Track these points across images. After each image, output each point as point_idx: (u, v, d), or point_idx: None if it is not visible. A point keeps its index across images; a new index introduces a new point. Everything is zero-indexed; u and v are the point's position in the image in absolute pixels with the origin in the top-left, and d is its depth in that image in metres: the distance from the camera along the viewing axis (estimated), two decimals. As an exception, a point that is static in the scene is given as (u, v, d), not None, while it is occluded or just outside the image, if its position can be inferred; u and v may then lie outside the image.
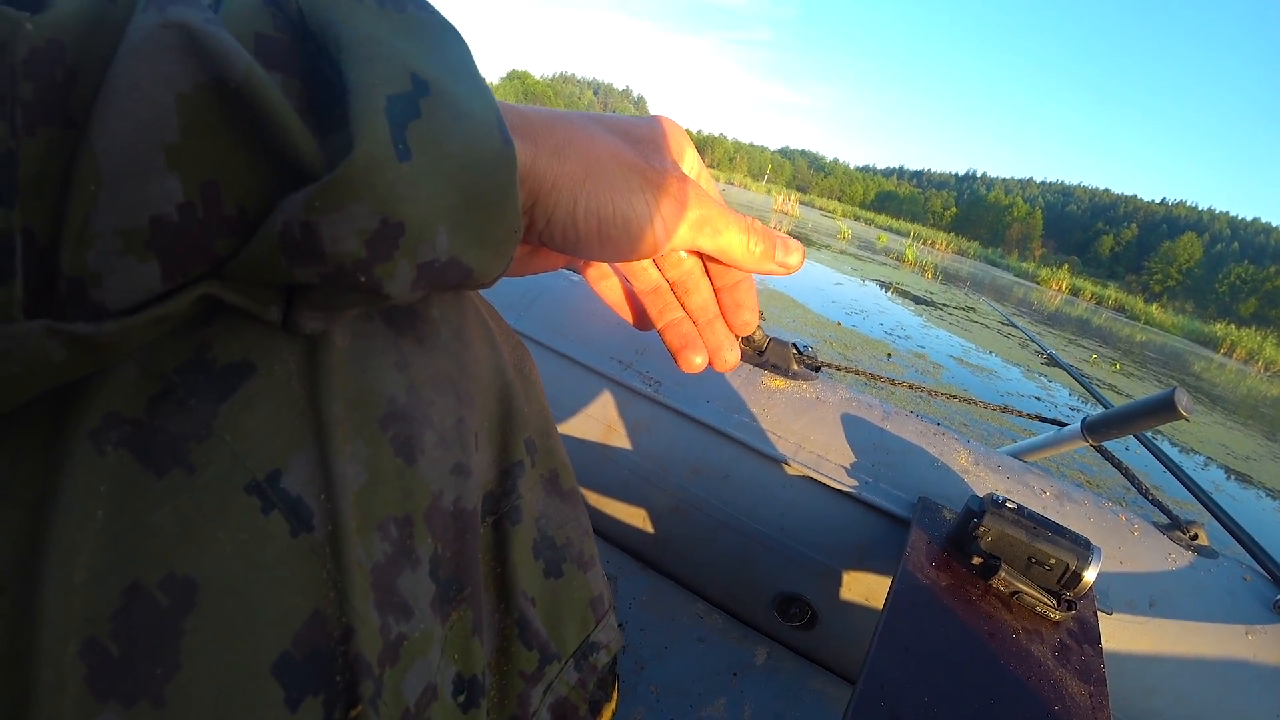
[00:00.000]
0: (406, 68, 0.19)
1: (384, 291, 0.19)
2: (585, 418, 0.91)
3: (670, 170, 0.28)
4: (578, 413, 0.92)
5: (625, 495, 0.91)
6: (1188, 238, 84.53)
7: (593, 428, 0.91)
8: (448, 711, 0.24)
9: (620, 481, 0.90)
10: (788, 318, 5.70)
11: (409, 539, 0.23)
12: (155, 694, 0.17)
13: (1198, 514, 0.94)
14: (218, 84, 0.16)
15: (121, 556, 0.17)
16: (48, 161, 0.15)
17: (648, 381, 0.90)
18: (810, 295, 7.26)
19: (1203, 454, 5.72)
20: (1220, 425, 7.57)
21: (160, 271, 0.17)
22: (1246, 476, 5.40)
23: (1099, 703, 0.59)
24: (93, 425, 0.18)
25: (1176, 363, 14.86)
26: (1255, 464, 5.98)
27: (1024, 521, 0.69)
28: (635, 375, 0.91)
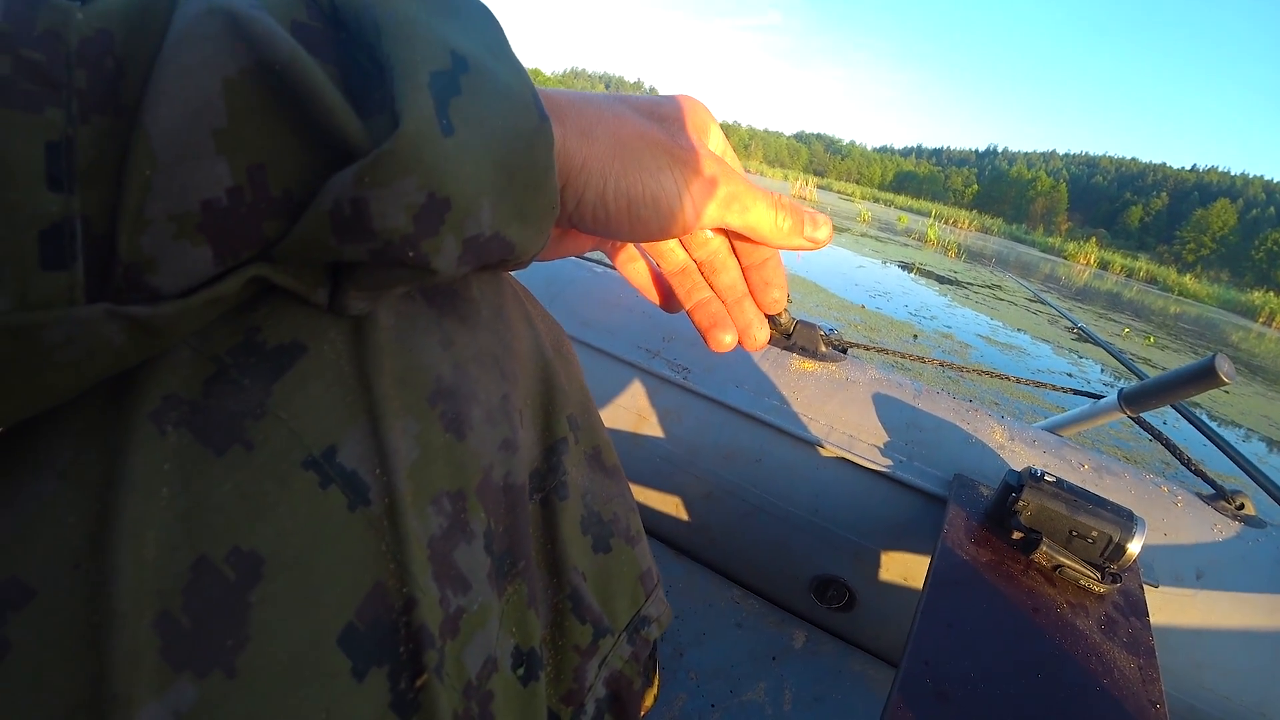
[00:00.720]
0: (446, 46, 0.19)
1: (431, 267, 0.20)
2: (615, 407, 0.92)
3: (697, 148, 0.28)
4: (608, 403, 0.92)
5: (658, 483, 0.91)
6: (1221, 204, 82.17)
7: (623, 417, 0.91)
8: (508, 684, 0.25)
9: (653, 470, 0.91)
10: (811, 302, 5.66)
11: (463, 513, 0.23)
12: (227, 665, 0.17)
13: (1242, 485, 0.92)
14: (262, 67, 0.17)
15: (188, 532, 0.17)
16: (102, 149, 0.16)
17: (676, 369, 0.90)
18: (833, 279, 7.19)
19: (1244, 425, 5.57)
20: (1261, 396, 7.37)
21: (212, 255, 0.17)
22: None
23: (1149, 675, 0.58)
24: (152, 407, 0.18)
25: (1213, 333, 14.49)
26: (1301, 435, 5.82)
27: (1064, 494, 0.68)
28: (663, 363, 0.91)
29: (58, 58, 0.15)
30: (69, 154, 0.15)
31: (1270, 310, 26.06)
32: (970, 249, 19.82)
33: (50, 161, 0.15)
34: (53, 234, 0.15)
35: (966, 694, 0.51)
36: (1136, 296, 20.46)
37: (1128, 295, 19.96)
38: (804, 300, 5.67)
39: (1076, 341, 7.09)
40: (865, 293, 6.86)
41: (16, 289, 0.15)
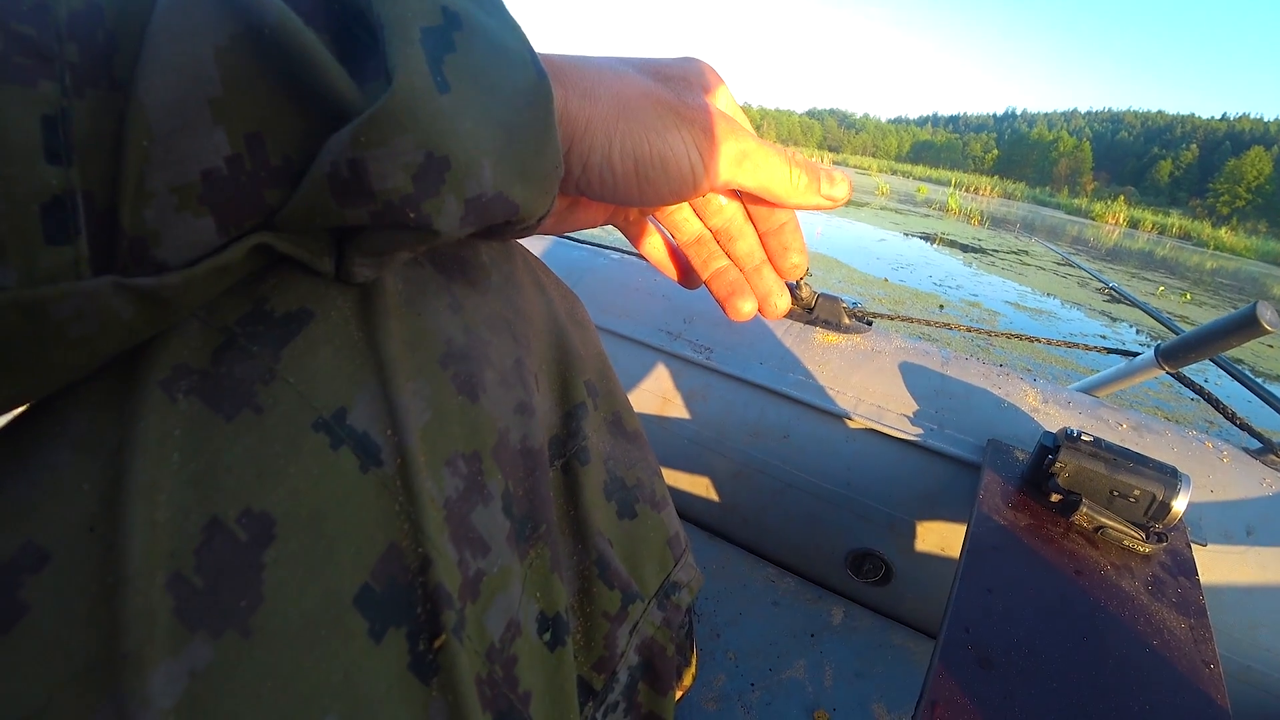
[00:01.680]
0: (436, 2, 0.18)
1: (434, 227, 0.19)
2: (639, 391, 0.91)
3: (705, 106, 0.27)
4: (631, 387, 0.92)
5: (686, 465, 0.91)
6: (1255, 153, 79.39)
7: (648, 401, 0.91)
8: (533, 649, 0.24)
9: (680, 451, 0.90)
10: (833, 278, 5.59)
11: (479, 475, 0.23)
12: (241, 625, 0.17)
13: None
14: (252, 32, 0.16)
15: (200, 494, 0.18)
16: (98, 122, 0.16)
17: (698, 349, 0.90)
18: (854, 255, 7.10)
19: (1291, 381, 5.41)
20: (1308, 347, 7.14)
21: (215, 225, 0.17)
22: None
23: (1201, 635, 0.56)
24: (162, 376, 0.18)
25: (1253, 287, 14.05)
26: (1351, 386, 5.63)
27: (1103, 454, 0.66)
28: (685, 344, 0.90)
29: (48, 31, 0.15)
30: (65, 127, 0.15)
31: (1312, 260, 25.23)
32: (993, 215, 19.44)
33: (47, 134, 0.15)
34: (54, 207, 0.15)
35: (1010, 660, 0.50)
36: (1170, 254, 19.91)
37: (1160, 253, 19.43)
38: (826, 277, 5.60)
39: (1109, 303, 6.92)
40: (888, 266, 6.76)
41: (22, 264, 0.15)
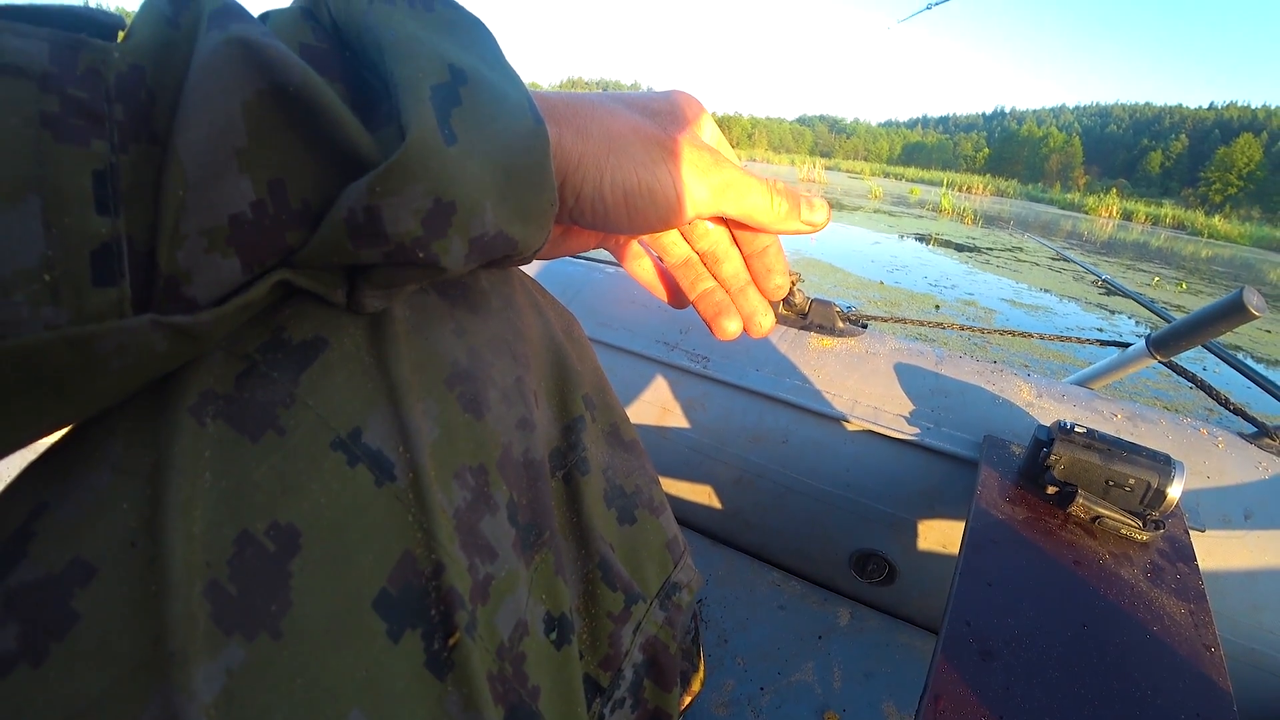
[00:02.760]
0: (444, 60, 0.20)
1: (441, 265, 0.21)
2: (639, 403, 0.92)
3: (690, 139, 0.29)
4: (631, 399, 0.93)
5: (688, 474, 0.92)
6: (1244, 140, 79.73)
7: (648, 412, 0.92)
8: (541, 647, 0.26)
9: (681, 460, 0.91)
10: (828, 283, 5.62)
11: (485, 486, 0.24)
12: (273, 628, 0.19)
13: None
14: (277, 89, 0.18)
15: (231, 510, 0.19)
16: (139, 173, 0.17)
17: (695, 359, 0.91)
18: (849, 259, 7.13)
19: (1291, 364, 5.42)
20: (1306, 332, 7.15)
21: (240, 265, 0.19)
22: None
23: (1201, 619, 0.57)
24: (191, 402, 0.20)
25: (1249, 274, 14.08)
26: (1349, 368, 5.64)
27: (1096, 445, 0.67)
28: (683, 354, 0.92)
29: (99, 94, 0.17)
30: (114, 180, 0.17)
31: (1307, 243, 25.25)
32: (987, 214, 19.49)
33: (98, 188, 0.17)
34: (102, 253, 0.17)
35: (1012, 651, 0.51)
36: (1165, 244, 19.95)
37: (1155, 244, 19.47)
38: (821, 281, 5.62)
39: (1105, 296, 6.94)
40: (883, 269, 6.79)
41: (73, 304, 0.17)
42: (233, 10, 0.19)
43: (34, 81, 0.16)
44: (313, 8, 0.22)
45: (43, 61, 0.16)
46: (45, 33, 0.17)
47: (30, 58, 0.16)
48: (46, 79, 0.16)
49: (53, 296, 0.16)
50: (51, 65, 0.16)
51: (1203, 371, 3.67)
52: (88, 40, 0.17)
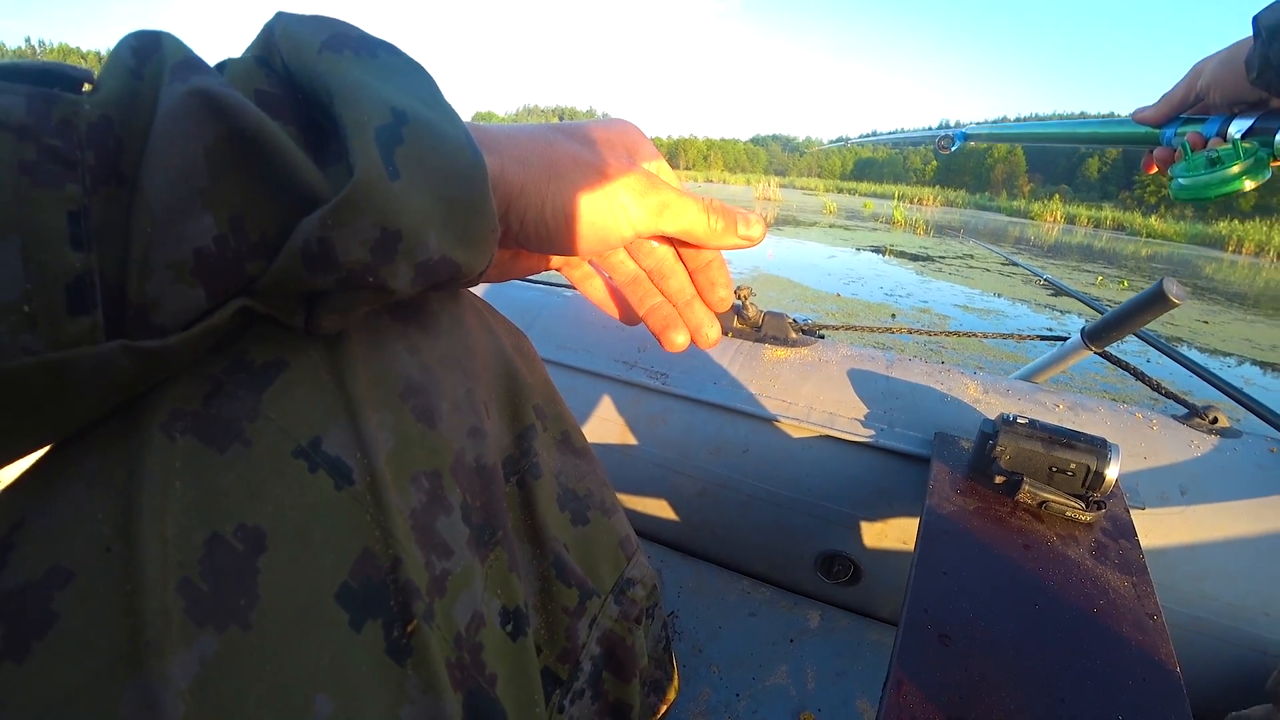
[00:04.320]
0: (387, 104, 0.22)
1: (390, 288, 0.23)
2: (600, 422, 0.94)
3: (627, 165, 0.31)
4: (593, 418, 0.94)
5: (652, 489, 0.93)
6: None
7: (609, 430, 0.93)
8: (497, 638, 0.27)
9: (645, 476, 0.92)
10: (787, 297, 5.71)
11: (440, 489, 0.26)
12: (243, 620, 0.20)
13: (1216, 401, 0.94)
14: (236, 134, 0.20)
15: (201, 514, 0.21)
16: (109, 213, 0.19)
17: (654, 375, 0.93)
18: (806, 272, 7.27)
19: (1232, 354, 5.65)
20: (1242, 321, 7.48)
21: (204, 294, 0.20)
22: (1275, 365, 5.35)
23: (1143, 591, 0.60)
24: (162, 419, 0.21)
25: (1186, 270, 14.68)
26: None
27: (1038, 434, 0.70)
28: (641, 372, 0.93)
29: (72, 142, 0.19)
30: (86, 219, 0.19)
31: (1237, 238, 26.39)
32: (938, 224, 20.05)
33: (72, 226, 0.18)
34: (76, 285, 0.18)
35: (968, 634, 0.53)
36: (1107, 245, 20.72)
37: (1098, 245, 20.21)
38: (780, 296, 5.72)
39: (1053, 296, 7.18)
40: (839, 281, 6.94)
41: (50, 333, 0.18)
42: (193, 63, 0.21)
43: (13, 133, 0.18)
44: (266, 56, 0.24)
45: (20, 114, 0.18)
46: (22, 89, 0.18)
47: (8, 112, 0.18)
48: (24, 130, 0.18)
49: (31, 325, 0.18)
50: (28, 118, 0.18)
51: (1146, 363, 3.82)
52: (60, 94, 0.19)
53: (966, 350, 4.13)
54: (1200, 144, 0.61)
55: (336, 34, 0.24)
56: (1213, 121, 0.60)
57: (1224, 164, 0.58)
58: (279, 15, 0.25)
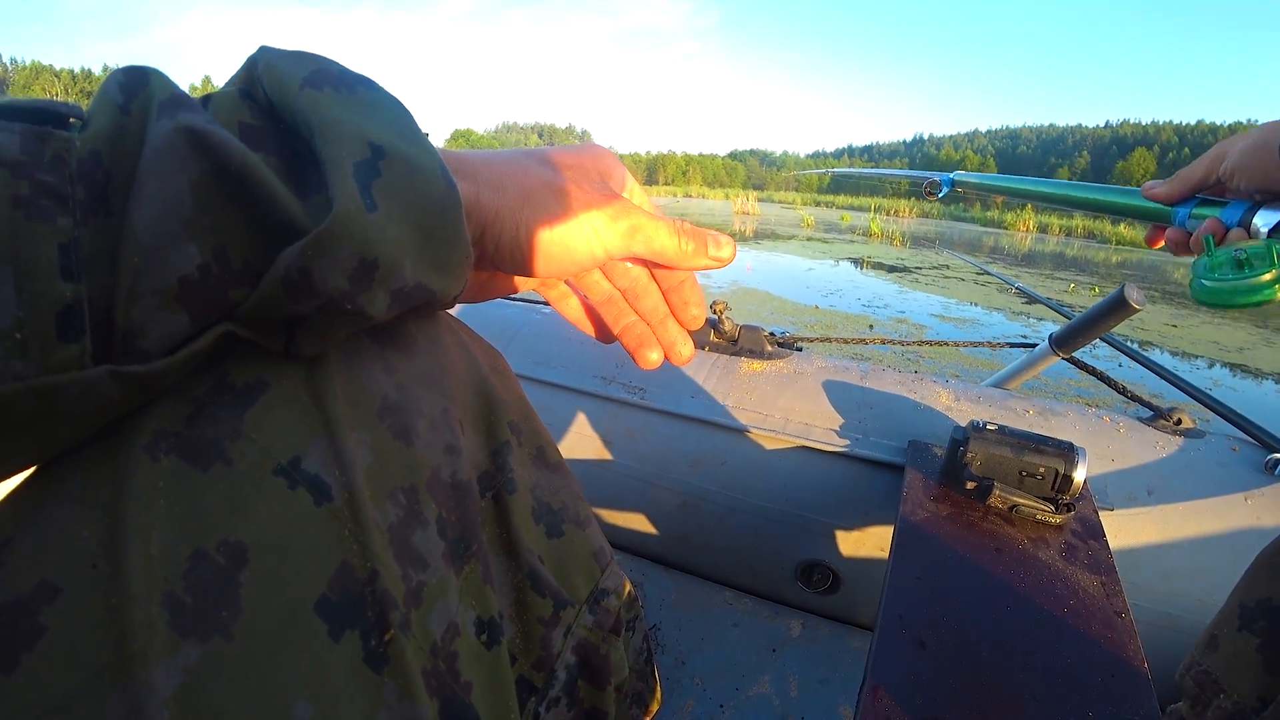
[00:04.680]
0: (365, 139, 0.24)
1: (368, 314, 0.24)
2: (580, 438, 0.94)
3: (599, 190, 0.33)
4: (572, 434, 0.95)
5: (633, 504, 0.93)
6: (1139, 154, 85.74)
7: (589, 446, 0.94)
8: (472, 647, 0.28)
9: (625, 491, 0.93)
10: (765, 310, 5.76)
11: (416, 504, 0.27)
12: (225, 631, 0.21)
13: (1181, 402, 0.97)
14: (219, 169, 0.21)
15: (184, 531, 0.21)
16: (98, 243, 0.20)
17: (632, 390, 0.93)
18: (785, 285, 7.34)
19: (1201, 356, 5.78)
20: (1210, 325, 7.65)
21: (189, 320, 0.21)
22: (1243, 366, 5.49)
23: (1112, 589, 0.61)
24: (146, 440, 0.22)
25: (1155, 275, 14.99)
26: (1250, 353, 6.08)
27: (1008, 439, 0.72)
28: (619, 387, 0.94)
29: (63, 177, 0.20)
30: (76, 250, 0.20)
31: (1204, 244, 26.98)
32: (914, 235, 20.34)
33: (63, 258, 0.19)
34: (66, 313, 0.19)
35: (943, 638, 0.54)
36: (1079, 253, 21.12)
37: (1070, 253, 20.60)
38: (759, 309, 5.77)
39: (1027, 305, 7.30)
40: (818, 293, 7.01)
41: (40, 358, 0.19)
42: (180, 100, 0.22)
43: (8, 169, 0.19)
44: (250, 89, 0.25)
45: (15, 151, 0.19)
46: (17, 127, 0.20)
47: (3, 149, 0.19)
48: (18, 166, 0.19)
49: (23, 351, 0.19)
50: (23, 154, 0.19)
51: (1118, 368, 3.89)
52: (53, 132, 0.20)
53: (943, 359, 4.18)
54: (1220, 232, 0.53)
55: (317, 70, 0.25)
56: (1234, 207, 0.53)
57: (1254, 269, 0.48)
58: (262, 49, 0.26)
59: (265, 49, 0.26)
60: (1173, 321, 7.50)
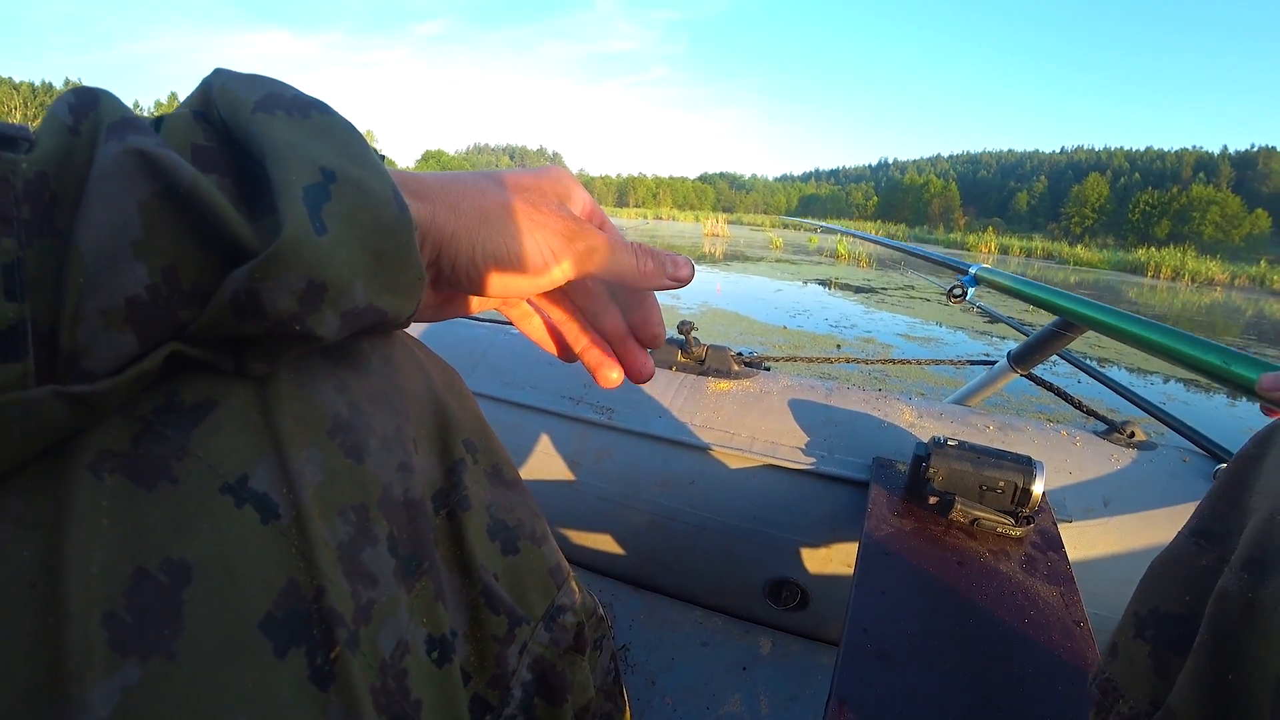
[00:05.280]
0: (316, 163, 0.24)
1: (316, 335, 0.24)
2: (548, 458, 0.94)
3: (556, 211, 0.34)
4: (541, 455, 0.94)
5: (601, 524, 0.93)
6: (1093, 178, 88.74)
7: (557, 466, 0.93)
8: (422, 665, 0.28)
9: (594, 511, 0.93)
10: (735, 331, 5.81)
11: (367, 522, 0.27)
12: (166, 650, 0.20)
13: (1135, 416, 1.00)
14: (169, 190, 0.21)
15: (127, 550, 0.21)
16: (42, 264, 0.20)
17: (600, 411, 0.93)
18: (754, 306, 7.42)
19: (1156, 372, 5.97)
20: (1164, 342, 7.90)
21: (136, 340, 0.21)
22: (1194, 380, 5.69)
23: (1070, 599, 0.63)
24: (90, 460, 0.22)
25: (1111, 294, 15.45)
26: (1203, 369, 6.30)
27: (968, 454, 0.73)
28: (587, 407, 0.94)
29: (8, 199, 0.20)
30: (20, 271, 0.20)
31: (1154, 264, 27.98)
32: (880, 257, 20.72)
33: (6, 278, 0.19)
34: (9, 334, 0.19)
35: (906, 651, 0.54)
36: (1039, 273, 21.70)
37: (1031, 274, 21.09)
38: (728, 330, 5.82)
39: (990, 324, 7.47)
40: (786, 314, 7.09)
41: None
42: (129, 122, 0.22)
43: None
44: (204, 110, 0.25)
45: None
46: None
47: None
48: None
49: None
50: None
51: (1076, 384, 3.99)
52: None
53: (908, 377, 4.26)
54: None
55: (270, 94, 0.25)
56: None
57: None
58: (217, 72, 0.26)
59: (220, 71, 0.26)
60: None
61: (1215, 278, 25.75)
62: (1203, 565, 0.29)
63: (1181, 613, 0.29)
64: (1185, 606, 0.29)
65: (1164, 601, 0.30)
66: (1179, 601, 0.30)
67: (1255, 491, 0.28)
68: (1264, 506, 0.26)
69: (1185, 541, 0.30)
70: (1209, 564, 0.28)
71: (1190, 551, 0.30)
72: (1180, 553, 0.30)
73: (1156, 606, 0.30)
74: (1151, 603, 0.31)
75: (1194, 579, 0.29)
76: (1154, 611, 0.30)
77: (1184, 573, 0.29)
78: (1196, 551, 0.29)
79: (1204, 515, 0.31)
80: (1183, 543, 0.30)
